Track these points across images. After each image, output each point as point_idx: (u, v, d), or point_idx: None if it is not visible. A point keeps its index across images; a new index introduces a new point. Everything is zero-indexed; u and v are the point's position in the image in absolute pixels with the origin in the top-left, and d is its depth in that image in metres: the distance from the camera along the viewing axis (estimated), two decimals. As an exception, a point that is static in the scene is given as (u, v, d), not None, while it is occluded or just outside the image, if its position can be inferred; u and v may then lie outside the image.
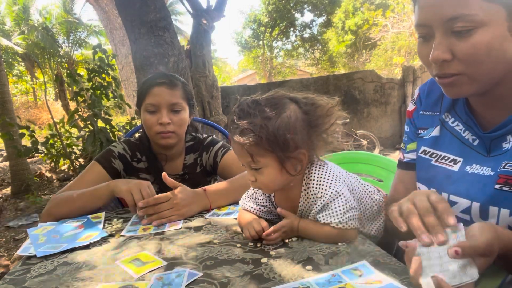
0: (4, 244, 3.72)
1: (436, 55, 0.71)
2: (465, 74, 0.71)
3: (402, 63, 11.83)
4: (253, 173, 0.89)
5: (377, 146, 7.31)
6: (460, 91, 0.75)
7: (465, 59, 0.69)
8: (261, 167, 0.87)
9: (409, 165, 0.97)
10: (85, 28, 16.42)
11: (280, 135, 0.83)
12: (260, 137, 0.82)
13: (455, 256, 0.55)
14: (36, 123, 12.60)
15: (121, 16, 3.61)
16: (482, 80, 0.72)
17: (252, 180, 0.91)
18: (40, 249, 0.95)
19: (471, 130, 0.82)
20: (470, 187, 0.78)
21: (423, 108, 0.95)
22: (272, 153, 0.85)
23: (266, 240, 0.88)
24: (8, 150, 5.44)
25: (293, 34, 21.92)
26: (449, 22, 0.68)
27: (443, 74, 0.74)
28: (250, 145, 0.83)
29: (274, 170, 0.87)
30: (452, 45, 0.70)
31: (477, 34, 0.67)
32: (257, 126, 0.83)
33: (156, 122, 1.35)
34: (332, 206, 0.86)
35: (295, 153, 0.86)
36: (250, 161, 0.87)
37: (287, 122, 0.85)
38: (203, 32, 5.81)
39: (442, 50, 0.70)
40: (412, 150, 0.96)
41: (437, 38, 0.71)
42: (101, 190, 1.23)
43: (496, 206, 0.73)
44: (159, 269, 0.80)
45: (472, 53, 0.68)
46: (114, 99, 4.00)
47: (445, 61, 0.71)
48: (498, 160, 0.75)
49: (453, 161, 0.84)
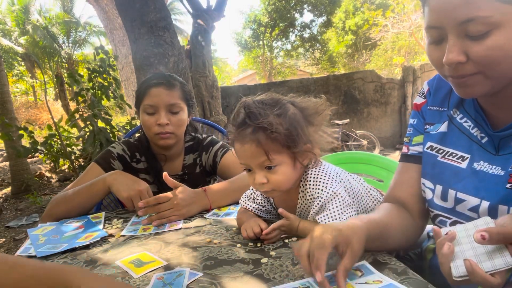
0: (4, 244, 3.72)
1: (451, 57, 0.69)
2: (480, 73, 0.70)
3: (402, 63, 11.85)
4: (265, 174, 0.88)
5: (377, 146, 7.31)
6: (473, 91, 0.73)
7: (480, 61, 0.68)
8: (276, 164, 0.87)
9: (414, 157, 0.94)
10: (83, 27, 16.41)
11: (293, 129, 0.85)
12: (278, 133, 0.83)
13: (481, 241, 0.55)
14: (36, 123, 12.61)
15: (121, 16, 3.61)
16: (498, 80, 0.70)
17: (263, 182, 0.88)
18: (40, 250, 0.95)
19: (480, 128, 0.81)
20: (480, 185, 0.77)
21: (431, 103, 0.93)
22: (287, 149, 0.86)
23: (265, 239, 0.88)
24: (8, 150, 5.45)
25: (293, 34, 21.94)
26: (463, 25, 0.66)
27: (457, 76, 0.72)
28: (266, 142, 0.84)
29: (288, 167, 0.88)
30: (467, 47, 0.68)
31: (492, 35, 0.65)
32: (271, 122, 0.84)
33: (154, 123, 1.35)
34: (330, 207, 0.86)
35: (305, 147, 0.88)
36: (265, 160, 0.86)
37: (294, 118, 0.87)
38: (203, 32, 5.81)
39: (457, 52, 0.68)
40: (418, 143, 0.94)
41: (450, 40, 0.69)
42: (98, 186, 1.23)
43: (506, 205, 0.73)
44: (159, 269, 0.80)
45: (488, 55, 0.66)
46: (115, 99, 4.01)
47: (460, 63, 0.69)
48: (507, 159, 0.75)
49: (461, 157, 0.83)
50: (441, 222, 0.87)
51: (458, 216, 0.82)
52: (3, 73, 5.24)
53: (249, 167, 0.90)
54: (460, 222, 0.82)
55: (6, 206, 5.13)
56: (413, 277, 0.68)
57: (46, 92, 11.84)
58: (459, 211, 0.81)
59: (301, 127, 0.87)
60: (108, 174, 1.25)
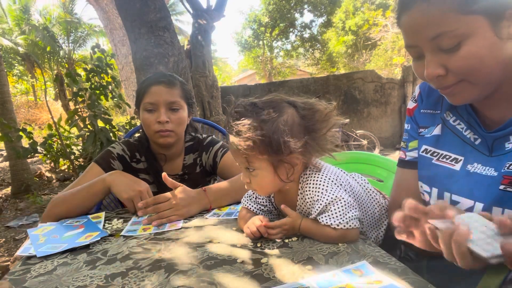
0: (4, 244, 3.72)
1: (429, 72, 0.73)
2: (464, 80, 0.72)
3: (402, 63, 11.84)
4: (248, 174, 0.90)
5: (377, 146, 7.31)
6: (463, 97, 0.76)
7: (458, 71, 0.71)
8: (255, 169, 0.88)
9: (411, 163, 0.96)
10: (84, 27, 16.40)
11: (275, 139, 0.82)
12: (255, 140, 0.82)
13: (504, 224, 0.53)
14: (36, 123, 12.60)
15: (121, 16, 3.61)
16: (483, 85, 0.73)
17: (247, 181, 0.92)
18: (40, 249, 0.95)
19: (473, 129, 0.82)
20: (474, 187, 0.78)
21: (424, 106, 0.94)
22: (266, 157, 0.85)
23: (268, 234, 0.88)
24: (8, 150, 5.45)
25: (293, 34, 21.93)
26: (434, 41, 0.70)
27: (442, 88, 0.76)
28: (244, 148, 0.83)
29: (268, 173, 0.88)
30: (443, 60, 0.71)
31: (465, 46, 0.68)
32: (252, 128, 0.82)
33: (154, 121, 1.35)
34: (332, 208, 0.85)
35: (288, 157, 0.85)
36: (244, 161, 0.87)
37: (284, 126, 0.83)
38: (203, 32, 5.81)
39: (434, 67, 0.72)
40: (414, 148, 0.96)
41: (427, 56, 0.73)
42: (97, 186, 1.23)
43: (500, 207, 0.73)
44: (159, 270, 0.80)
45: (464, 64, 0.70)
46: (113, 99, 4.01)
47: (440, 76, 0.73)
48: (501, 160, 0.75)
49: (454, 160, 0.84)
50: None
51: None
52: (3, 73, 5.24)
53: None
54: None
55: (6, 206, 5.12)
56: (413, 277, 0.68)
57: (46, 92, 11.83)
58: None
59: (288, 136, 0.82)
60: (108, 174, 1.25)
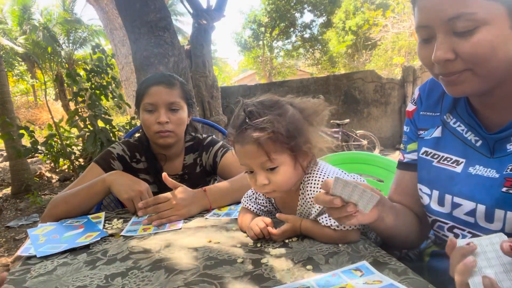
0: (4, 244, 3.72)
1: (439, 55, 0.70)
2: (469, 69, 0.70)
3: (402, 63, 11.83)
4: (267, 175, 0.88)
5: (377, 146, 7.31)
6: (463, 89, 0.74)
7: (468, 58, 0.69)
8: (277, 165, 0.87)
9: (410, 165, 0.96)
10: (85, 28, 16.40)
11: (293, 129, 0.85)
12: (278, 133, 0.84)
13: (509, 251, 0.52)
14: (36, 123, 12.60)
15: (121, 16, 3.61)
16: (486, 78, 0.71)
17: (265, 183, 0.88)
18: (40, 249, 0.95)
19: (474, 131, 0.81)
20: (475, 189, 0.77)
21: (423, 108, 0.94)
22: (287, 149, 0.86)
23: (271, 234, 0.88)
24: (8, 150, 5.45)
25: (293, 34, 21.91)
26: (451, 22, 0.68)
27: (447, 74, 0.73)
28: (267, 143, 0.84)
29: (289, 167, 0.88)
30: (455, 44, 0.69)
31: (479, 33, 0.67)
32: (272, 122, 0.84)
33: (154, 121, 1.35)
34: None
35: (304, 147, 0.88)
36: (266, 160, 0.86)
37: (294, 118, 0.87)
38: (203, 32, 5.81)
39: (445, 50, 0.70)
40: (413, 150, 0.95)
41: (439, 38, 0.70)
42: (97, 186, 1.23)
43: (503, 209, 0.72)
44: (159, 270, 0.80)
45: (475, 52, 0.68)
46: (113, 99, 4.01)
47: (448, 61, 0.70)
48: (502, 162, 0.74)
49: (455, 162, 0.83)
50: (439, 228, 0.87)
51: (455, 221, 0.82)
52: (3, 73, 5.25)
53: (250, 168, 0.89)
54: (457, 227, 0.82)
55: (6, 206, 5.13)
56: (413, 277, 0.68)
57: (46, 92, 11.84)
58: (456, 216, 0.81)
59: (301, 127, 0.87)
60: (108, 175, 1.25)
